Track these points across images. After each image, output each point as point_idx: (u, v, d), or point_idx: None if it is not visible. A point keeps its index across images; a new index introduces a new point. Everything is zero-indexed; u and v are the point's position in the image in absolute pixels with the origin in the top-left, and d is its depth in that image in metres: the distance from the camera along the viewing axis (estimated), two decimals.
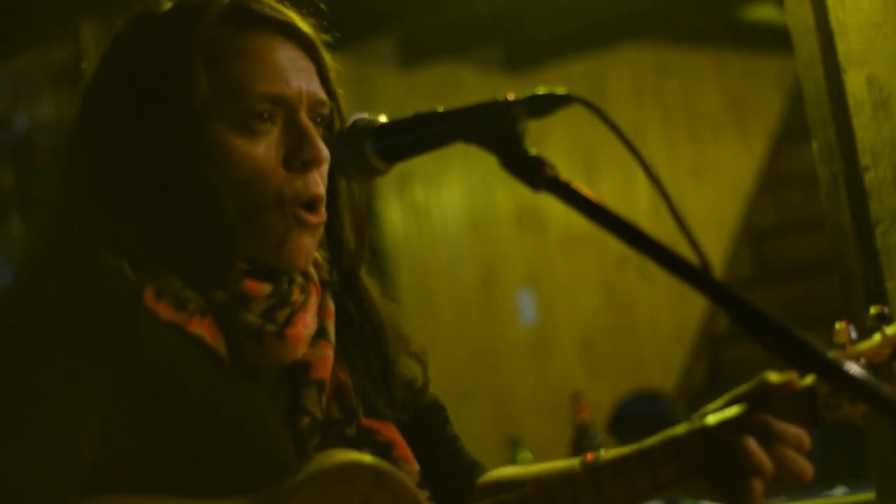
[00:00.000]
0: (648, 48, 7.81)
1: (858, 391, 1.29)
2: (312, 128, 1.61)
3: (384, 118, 1.46)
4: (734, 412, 1.53)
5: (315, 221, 1.61)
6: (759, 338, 1.25)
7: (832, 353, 1.36)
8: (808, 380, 1.57)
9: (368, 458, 1.45)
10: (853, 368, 1.25)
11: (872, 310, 1.61)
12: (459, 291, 6.83)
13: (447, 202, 6.86)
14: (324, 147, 1.61)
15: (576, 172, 7.20)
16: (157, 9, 1.64)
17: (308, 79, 1.63)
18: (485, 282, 6.96)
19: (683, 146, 8.03)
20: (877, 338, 1.60)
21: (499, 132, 1.37)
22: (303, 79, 1.62)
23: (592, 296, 7.42)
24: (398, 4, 6.02)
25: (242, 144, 1.57)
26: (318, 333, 1.65)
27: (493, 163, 1.38)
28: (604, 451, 1.61)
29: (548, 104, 1.38)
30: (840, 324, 1.46)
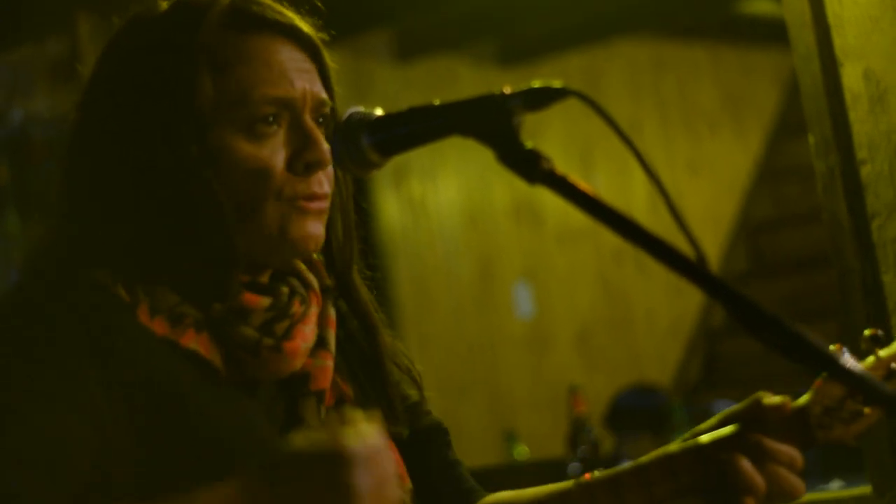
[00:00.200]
0: (645, 43, 7.81)
1: (854, 385, 1.30)
2: (317, 130, 1.60)
3: (380, 112, 1.46)
4: (727, 431, 1.55)
5: (314, 207, 1.59)
6: (756, 332, 1.25)
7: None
8: (801, 401, 1.58)
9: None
10: (849, 362, 1.26)
11: (866, 332, 1.62)
12: (456, 285, 6.83)
13: (443, 196, 6.85)
14: (328, 148, 1.59)
15: (572, 166, 7.20)
16: (156, 9, 1.62)
17: (311, 80, 1.62)
18: (481, 275, 6.96)
19: (680, 141, 8.03)
20: (870, 360, 1.61)
21: (495, 125, 1.37)
22: (306, 80, 1.61)
23: (589, 289, 7.42)
24: None
25: (248, 148, 1.56)
26: (319, 343, 1.63)
27: (490, 156, 1.37)
28: (598, 473, 1.61)
29: (544, 97, 1.38)
30: (834, 346, 1.48)
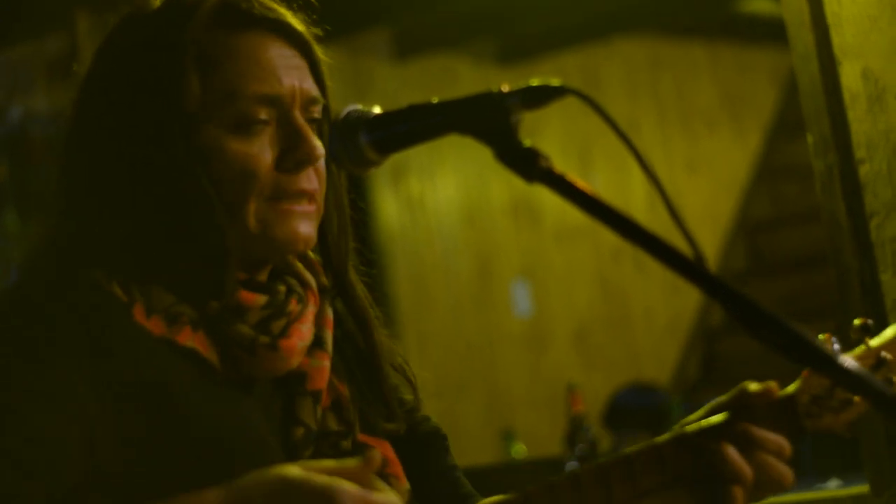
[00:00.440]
0: (643, 42, 7.81)
1: (851, 384, 1.30)
2: (306, 126, 1.59)
3: (378, 109, 1.45)
4: (714, 420, 1.54)
5: (299, 210, 1.58)
6: (754, 331, 1.25)
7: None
8: (789, 389, 1.58)
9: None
10: (847, 361, 1.26)
11: (856, 322, 1.61)
12: (454, 283, 6.84)
13: (442, 194, 6.86)
14: (318, 145, 1.59)
15: (570, 164, 7.20)
16: (149, 7, 1.62)
17: (301, 77, 1.61)
18: (480, 274, 6.96)
19: (678, 139, 8.03)
20: (860, 349, 1.61)
21: (493, 124, 1.36)
22: (295, 77, 1.60)
23: (587, 288, 7.43)
24: None
25: (236, 146, 1.55)
26: (315, 343, 1.63)
27: (488, 154, 1.37)
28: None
29: (542, 96, 1.38)
30: (823, 335, 1.47)
